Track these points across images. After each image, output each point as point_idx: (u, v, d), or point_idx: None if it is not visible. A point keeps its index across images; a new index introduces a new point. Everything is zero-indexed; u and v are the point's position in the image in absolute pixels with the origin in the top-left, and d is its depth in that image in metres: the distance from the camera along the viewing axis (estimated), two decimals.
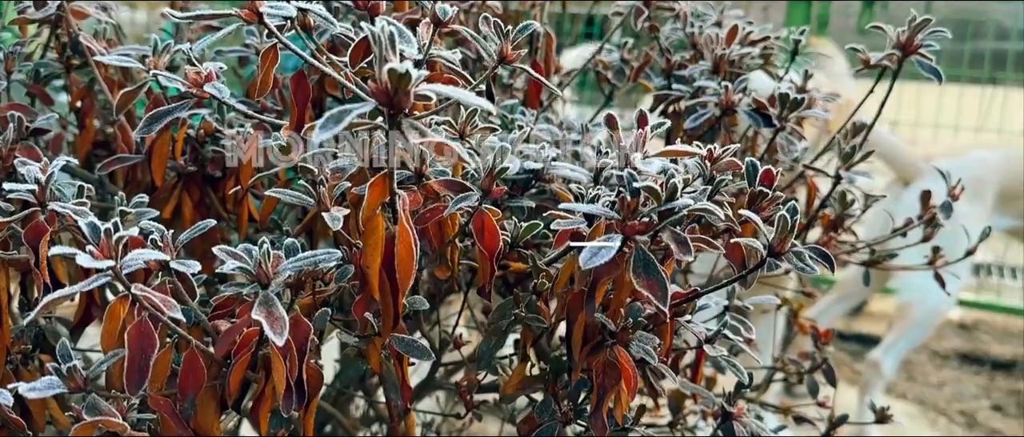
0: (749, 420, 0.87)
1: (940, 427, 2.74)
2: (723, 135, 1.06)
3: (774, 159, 1.21)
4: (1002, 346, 3.24)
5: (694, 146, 0.75)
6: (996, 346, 3.29)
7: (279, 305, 0.57)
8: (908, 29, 0.95)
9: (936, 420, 2.79)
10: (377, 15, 0.63)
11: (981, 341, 3.35)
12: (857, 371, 3.09)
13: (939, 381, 3.04)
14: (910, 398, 2.93)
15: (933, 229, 1.16)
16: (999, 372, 3.12)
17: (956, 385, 3.01)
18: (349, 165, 0.71)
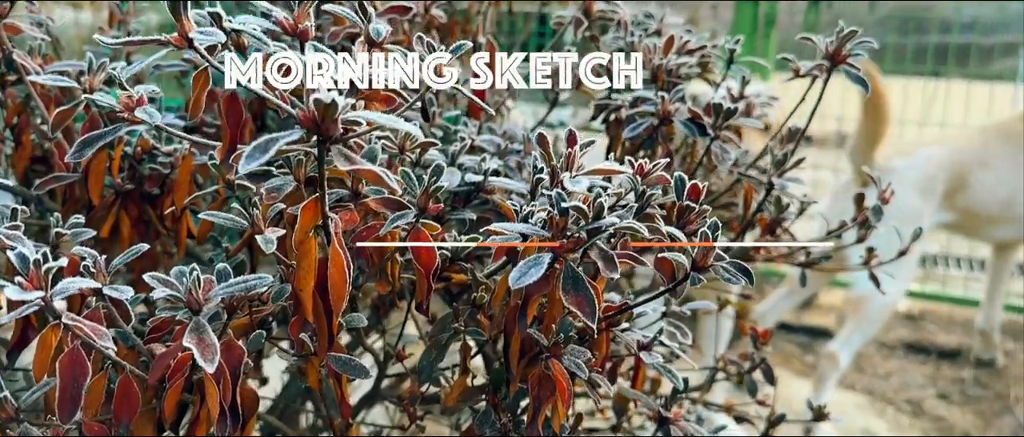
0: (687, 423, 0.90)
1: (888, 417, 2.82)
2: (661, 144, 1.08)
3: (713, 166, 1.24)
4: (947, 335, 3.34)
5: (627, 160, 0.77)
6: (942, 336, 3.38)
7: (210, 331, 0.57)
8: (836, 39, 0.98)
9: (884, 410, 2.86)
10: (306, 41, 0.64)
11: (927, 331, 3.44)
12: (807, 364, 3.17)
13: (887, 371, 3.12)
14: (859, 389, 3.01)
15: (867, 230, 1.19)
16: (944, 361, 3.21)
17: (903, 375, 3.09)
18: (285, 185, 0.72)
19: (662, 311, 0.98)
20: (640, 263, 0.67)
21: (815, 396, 2.60)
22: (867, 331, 2.66)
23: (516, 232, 0.66)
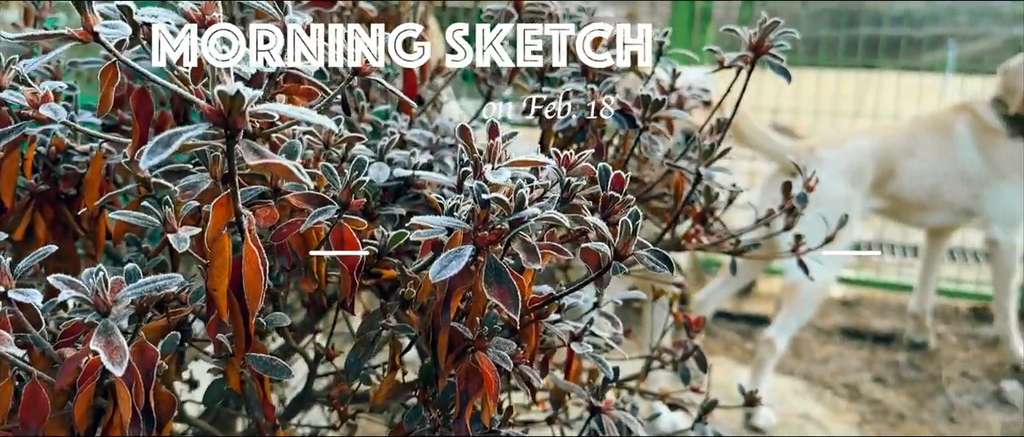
0: (619, 413, 0.90)
1: (825, 401, 2.88)
2: (592, 137, 1.08)
3: (645, 158, 1.25)
4: (882, 320, 3.42)
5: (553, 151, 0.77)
6: (876, 320, 3.46)
7: (118, 333, 0.55)
8: (759, 31, 1.00)
9: (822, 394, 2.92)
10: None
11: (862, 316, 3.53)
12: (747, 350, 3.22)
13: (824, 356, 3.19)
14: (797, 374, 3.06)
15: (795, 218, 1.21)
16: (879, 345, 3.29)
17: (840, 360, 3.16)
18: (201, 181, 0.70)
19: (594, 302, 0.98)
20: (563, 254, 0.67)
21: (753, 381, 2.65)
22: (802, 316, 2.71)
23: (440, 226, 0.65)
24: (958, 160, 2.87)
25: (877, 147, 2.82)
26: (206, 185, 0.70)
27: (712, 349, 3.23)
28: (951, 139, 2.88)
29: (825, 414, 2.77)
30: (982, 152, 2.86)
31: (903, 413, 2.82)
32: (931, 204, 2.90)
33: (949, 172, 2.86)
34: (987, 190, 2.88)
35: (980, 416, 2.82)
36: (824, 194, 2.69)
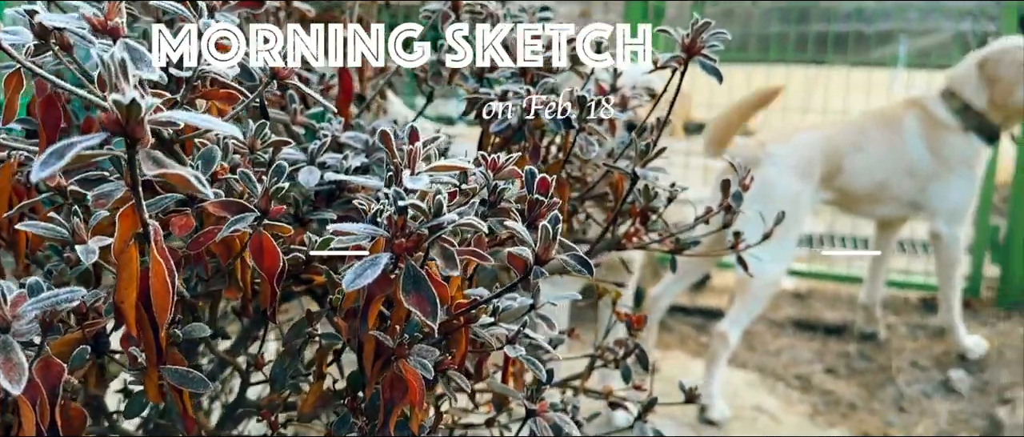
0: (553, 414, 0.89)
1: (778, 392, 2.91)
2: (529, 138, 1.07)
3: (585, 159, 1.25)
4: (833, 312, 3.47)
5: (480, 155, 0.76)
6: (828, 312, 3.51)
7: (17, 350, 0.53)
8: (691, 32, 0.99)
9: (775, 386, 2.95)
10: (117, 38, 0.60)
11: (814, 308, 3.57)
12: (702, 343, 3.24)
13: (777, 348, 3.22)
14: (751, 366, 3.09)
15: (733, 215, 1.21)
16: (831, 337, 3.34)
17: (792, 351, 3.20)
18: (115, 190, 0.68)
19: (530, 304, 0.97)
20: (484, 259, 0.66)
21: (707, 375, 2.67)
22: (754, 309, 2.74)
23: (360, 232, 0.64)
24: (906, 154, 2.91)
25: (825, 141, 2.85)
26: (120, 193, 0.68)
27: (667, 343, 3.26)
28: (900, 133, 2.92)
29: (778, 406, 2.80)
30: (930, 147, 2.91)
31: (854, 403, 2.86)
32: (880, 197, 2.94)
33: (897, 166, 2.91)
34: (933, 184, 2.92)
35: (929, 405, 2.87)
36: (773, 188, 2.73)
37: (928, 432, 2.71)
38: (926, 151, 2.91)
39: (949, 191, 2.92)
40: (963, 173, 2.91)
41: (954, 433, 2.72)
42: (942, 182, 2.92)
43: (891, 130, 2.94)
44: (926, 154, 2.91)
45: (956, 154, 2.90)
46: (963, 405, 2.86)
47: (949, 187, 2.92)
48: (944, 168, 2.90)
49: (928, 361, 3.10)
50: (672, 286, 2.97)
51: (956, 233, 2.96)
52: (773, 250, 2.70)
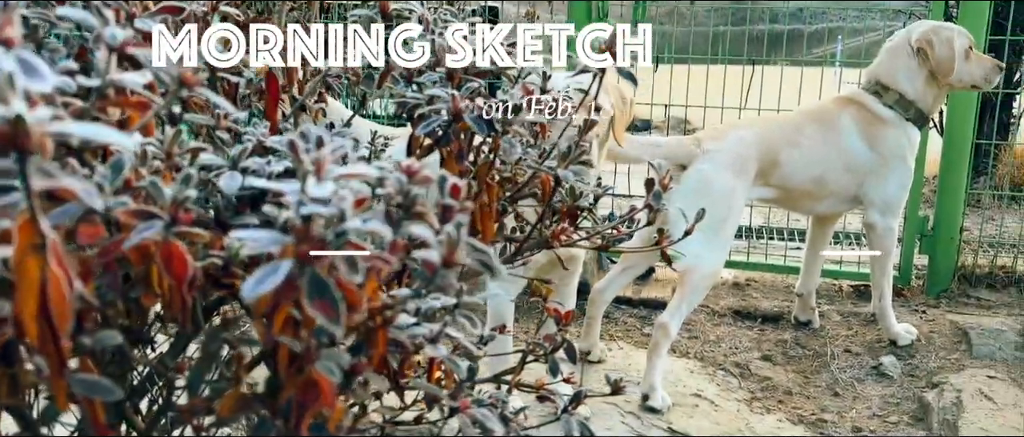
0: (476, 411, 0.90)
1: (718, 380, 2.95)
2: (455, 141, 1.07)
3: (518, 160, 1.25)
4: (770, 301, 3.53)
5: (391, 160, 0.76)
6: (765, 302, 3.57)
7: None
8: (609, 38, 1.01)
9: (714, 374, 3.00)
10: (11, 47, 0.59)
11: (752, 298, 3.63)
12: (646, 335, 3.27)
13: (717, 337, 3.27)
14: (692, 355, 3.13)
15: (657, 212, 1.23)
16: (768, 325, 3.39)
17: (731, 340, 3.25)
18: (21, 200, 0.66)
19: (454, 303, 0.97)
20: (389, 264, 0.66)
21: (648, 365, 2.70)
22: (693, 301, 2.78)
23: (265, 240, 0.63)
24: (844, 150, 2.97)
25: (760, 138, 2.89)
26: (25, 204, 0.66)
27: (612, 334, 3.29)
28: (837, 130, 2.98)
29: (717, 393, 2.84)
30: (867, 141, 2.97)
31: (790, 389, 2.92)
32: (818, 193, 2.99)
33: (835, 161, 2.96)
34: (870, 177, 2.99)
35: (862, 389, 2.94)
36: (710, 184, 2.77)
37: (861, 416, 2.78)
38: (864, 146, 2.97)
39: (885, 184, 2.99)
40: (898, 166, 2.98)
41: (885, 416, 2.79)
42: (878, 175, 2.98)
43: (827, 126, 2.99)
44: (864, 149, 2.97)
45: (892, 147, 2.97)
46: (894, 389, 2.93)
47: (885, 180, 2.98)
48: (880, 162, 2.97)
49: (861, 348, 3.17)
50: (617, 279, 3.00)
51: (890, 224, 3.03)
52: (712, 243, 2.76)
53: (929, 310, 3.43)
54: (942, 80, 2.95)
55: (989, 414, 2.63)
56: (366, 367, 0.74)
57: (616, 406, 2.68)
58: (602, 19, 3.55)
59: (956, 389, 2.75)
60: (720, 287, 3.73)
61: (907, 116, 2.98)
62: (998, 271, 3.59)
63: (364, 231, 0.62)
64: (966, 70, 2.96)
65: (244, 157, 0.93)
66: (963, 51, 2.95)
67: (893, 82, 2.98)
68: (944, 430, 2.60)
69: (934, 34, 2.97)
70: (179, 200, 0.68)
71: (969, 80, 2.99)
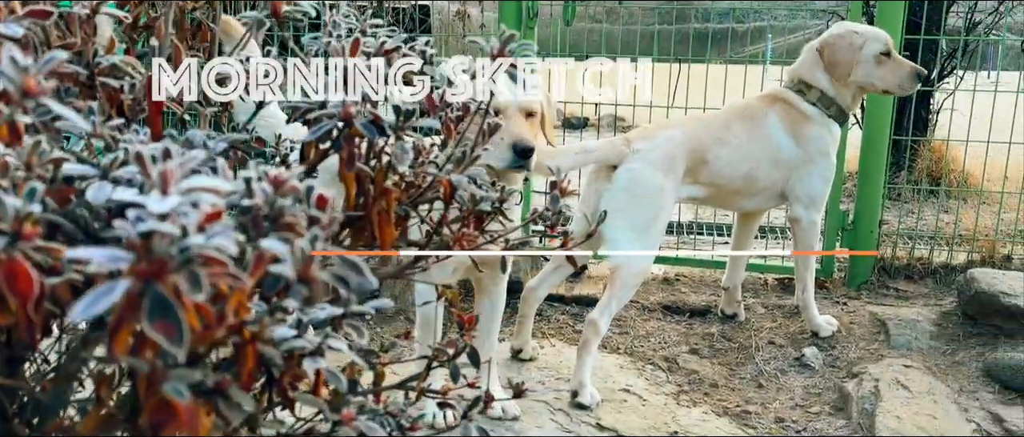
0: (360, 422, 0.87)
1: (647, 374, 2.97)
2: (346, 146, 1.04)
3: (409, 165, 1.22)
4: (698, 296, 3.57)
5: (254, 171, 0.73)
6: (693, 296, 3.60)
7: None
8: (499, 41, 0.99)
9: (643, 368, 3.01)
10: None
11: (681, 293, 3.66)
12: (578, 331, 3.28)
13: (646, 332, 3.29)
14: (622, 350, 3.15)
15: (560, 214, 1.22)
16: (696, 319, 3.43)
17: (660, 334, 3.27)
18: None
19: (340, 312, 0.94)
20: (236, 278, 0.63)
21: (578, 362, 2.70)
22: (623, 298, 2.79)
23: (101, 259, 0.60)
24: (772, 146, 3.01)
25: (688, 137, 2.91)
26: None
27: (545, 332, 3.28)
28: (764, 127, 3.01)
29: (646, 387, 2.85)
30: (794, 137, 3.01)
31: (716, 382, 2.95)
32: (748, 189, 3.02)
33: (763, 157, 3.00)
34: (795, 172, 3.03)
35: (785, 380, 2.99)
36: (639, 183, 2.78)
37: (784, 407, 2.82)
38: (791, 141, 3.01)
39: (809, 179, 3.03)
40: (821, 161, 3.04)
41: (807, 407, 2.83)
42: (803, 170, 3.03)
43: (755, 123, 3.02)
44: (791, 144, 3.01)
45: (816, 143, 3.02)
46: (816, 380, 2.99)
47: (810, 175, 3.03)
48: (805, 157, 3.02)
49: (784, 339, 3.22)
50: (549, 277, 3.00)
51: (814, 218, 3.08)
52: (641, 241, 2.77)
53: (850, 302, 3.51)
54: (838, 82, 3.01)
55: (904, 402, 2.69)
56: (230, 384, 0.71)
57: (546, 404, 2.68)
58: (532, 19, 3.54)
59: (874, 379, 2.82)
60: (650, 283, 3.75)
61: (829, 113, 3.03)
62: (916, 262, 3.68)
63: (209, 247, 0.59)
64: (877, 74, 3.01)
65: (116, 167, 0.89)
66: (873, 56, 3.00)
67: (814, 80, 3.03)
68: (862, 419, 2.66)
69: (837, 37, 3.03)
70: (22, 215, 0.64)
71: (881, 85, 3.04)
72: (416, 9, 3.64)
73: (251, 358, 0.75)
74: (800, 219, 3.08)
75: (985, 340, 3.05)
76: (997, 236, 3.81)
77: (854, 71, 2.99)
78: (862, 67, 2.99)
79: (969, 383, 2.86)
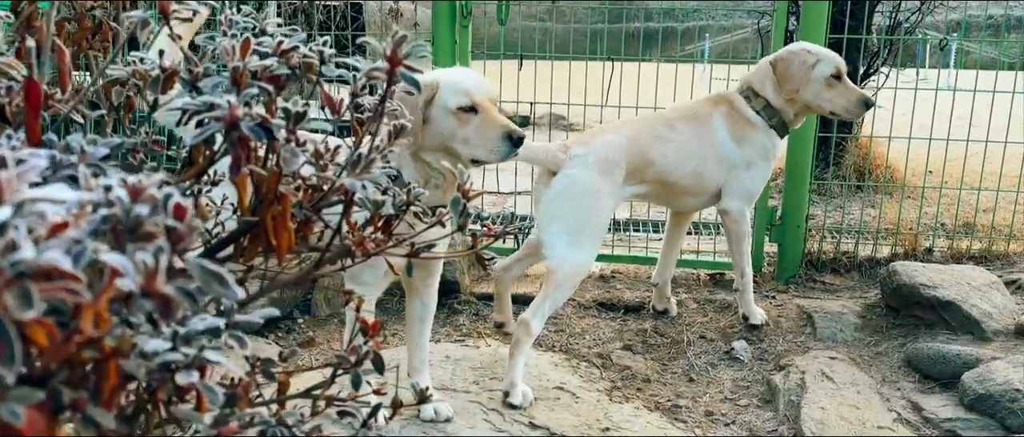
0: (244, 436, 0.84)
1: (581, 371, 2.97)
2: (233, 149, 1.01)
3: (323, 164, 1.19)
4: (633, 292, 3.58)
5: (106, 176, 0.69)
6: (628, 293, 3.61)
7: None
8: (391, 44, 0.96)
9: (578, 365, 3.01)
10: None
11: (616, 290, 3.67)
12: None
13: (581, 329, 3.29)
14: (557, 348, 3.15)
15: (466, 218, 1.19)
16: (630, 315, 3.44)
17: (595, 331, 3.28)
18: None
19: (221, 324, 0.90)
20: (74, 294, 0.59)
21: (510, 362, 2.68)
22: (557, 298, 2.78)
23: None
24: (715, 143, 3.04)
25: (630, 140, 2.93)
26: None
27: (481, 331, 3.26)
28: (710, 125, 3.05)
29: (580, 384, 2.85)
30: (736, 140, 3.05)
31: (649, 377, 2.97)
32: (696, 187, 3.05)
33: (709, 155, 3.03)
34: (733, 171, 3.07)
35: (715, 374, 3.02)
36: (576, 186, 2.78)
37: (714, 400, 2.85)
38: (732, 142, 3.05)
39: (746, 176, 3.08)
40: (758, 164, 3.08)
41: (736, 399, 2.87)
42: (740, 169, 3.07)
43: (700, 123, 3.05)
44: (732, 145, 3.05)
45: (757, 148, 3.07)
46: (745, 373, 3.03)
47: (746, 173, 3.08)
48: (744, 159, 3.06)
49: (715, 334, 3.26)
50: (521, 261, 3.10)
51: (743, 209, 3.13)
52: (577, 244, 2.77)
53: (779, 295, 3.56)
54: (785, 95, 3.05)
55: (829, 393, 2.74)
56: (86, 403, 0.67)
57: (480, 404, 2.66)
58: (466, 18, 3.51)
59: (801, 371, 2.86)
60: (586, 280, 3.76)
61: (771, 123, 3.08)
62: (842, 256, 3.75)
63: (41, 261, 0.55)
64: (826, 96, 3.05)
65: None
66: (824, 77, 3.04)
67: (762, 90, 3.07)
68: (789, 411, 2.70)
69: (791, 54, 3.06)
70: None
71: (828, 106, 3.08)
72: (348, 7, 3.58)
73: (113, 374, 0.71)
74: (730, 210, 3.11)
75: (907, 331, 3.13)
76: (919, 230, 3.90)
77: (803, 89, 3.03)
78: (812, 86, 3.03)
79: (891, 373, 2.93)
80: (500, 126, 2.05)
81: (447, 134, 2.07)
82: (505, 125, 2.06)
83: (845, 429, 2.54)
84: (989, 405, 2.56)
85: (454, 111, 2.06)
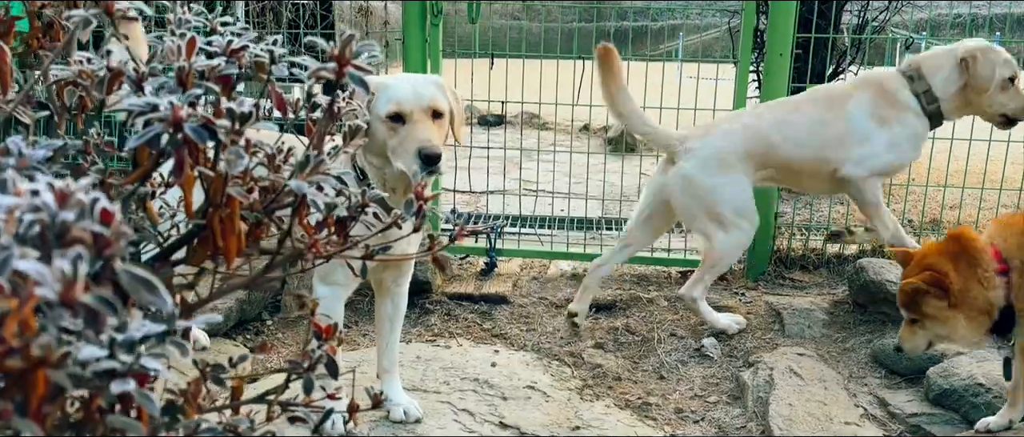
0: None
1: (553, 370, 2.96)
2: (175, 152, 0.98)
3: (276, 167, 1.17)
4: (604, 290, 3.57)
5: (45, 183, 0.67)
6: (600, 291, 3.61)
7: None
8: (339, 45, 0.94)
9: (549, 364, 3.00)
10: None
11: None
12: (486, 330, 3.25)
13: (553, 328, 3.28)
14: (529, 348, 3.13)
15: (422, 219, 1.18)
16: (602, 313, 3.44)
17: (567, 330, 3.27)
18: None
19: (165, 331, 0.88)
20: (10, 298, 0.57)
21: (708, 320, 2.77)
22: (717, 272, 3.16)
23: None
24: (846, 124, 3.06)
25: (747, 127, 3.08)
26: None
27: (452, 331, 3.24)
28: (841, 108, 3.06)
29: (551, 383, 2.84)
30: (876, 119, 3.06)
31: (619, 375, 2.96)
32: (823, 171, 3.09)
33: (834, 137, 3.04)
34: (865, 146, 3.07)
35: (685, 371, 3.02)
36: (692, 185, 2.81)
37: (684, 397, 2.85)
38: (873, 123, 3.06)
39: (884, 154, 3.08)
40: (903, 146, 3.09)
41: (706, 396, 2.87)
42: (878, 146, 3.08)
43: (831, 104, 3.08)
44: (872, 126, 3.06)
45: (907, 129, 3.06)
46: (714, 370, 3.03)
47: (885, 152, 3.08)
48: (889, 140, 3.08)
49: (685, 331, 3.26)
50: (617, 254, 3.32)
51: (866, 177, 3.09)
52: (721, 226, 3.01)
53: (748, 292, 3.57)
54: (972, 93, 3.04)
55: (797, 390, 2.75)
56: (11, 414, 0.65)
57: (450, 404, 2.64)
58: (437, 16, 3.49)
59: (769, 367, 2.87)
60: (558, 278, 3.76)
61: (927, 109, 3.08)
62: (810, 253, 3.77)
63: None
64: (1000, 98, 3.02)
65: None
66: (1003, 79, 3.00)
67: (931, 76, 3.05)
68: (757, 407, 2.71)
69: (984, 53, 3.00)
70: None
71: (1000, 109, 3.05)
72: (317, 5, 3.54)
73: (41, 383, 0.69)
74: (852, 178, 3.08)
75: (873, 327, 3.15)
76: None
77: (987, 91, 2.99)
78: (991, 87, 2.99)
79: (858, 369, 2.94)
80: (416, 142, 1.96)
81: (380, 141, 2.03)
82: (421, 142, 1.95)
83: (812, 425, 2.55)
84: (953, 400, 2.58)
85: (384, 118, 2.01)
